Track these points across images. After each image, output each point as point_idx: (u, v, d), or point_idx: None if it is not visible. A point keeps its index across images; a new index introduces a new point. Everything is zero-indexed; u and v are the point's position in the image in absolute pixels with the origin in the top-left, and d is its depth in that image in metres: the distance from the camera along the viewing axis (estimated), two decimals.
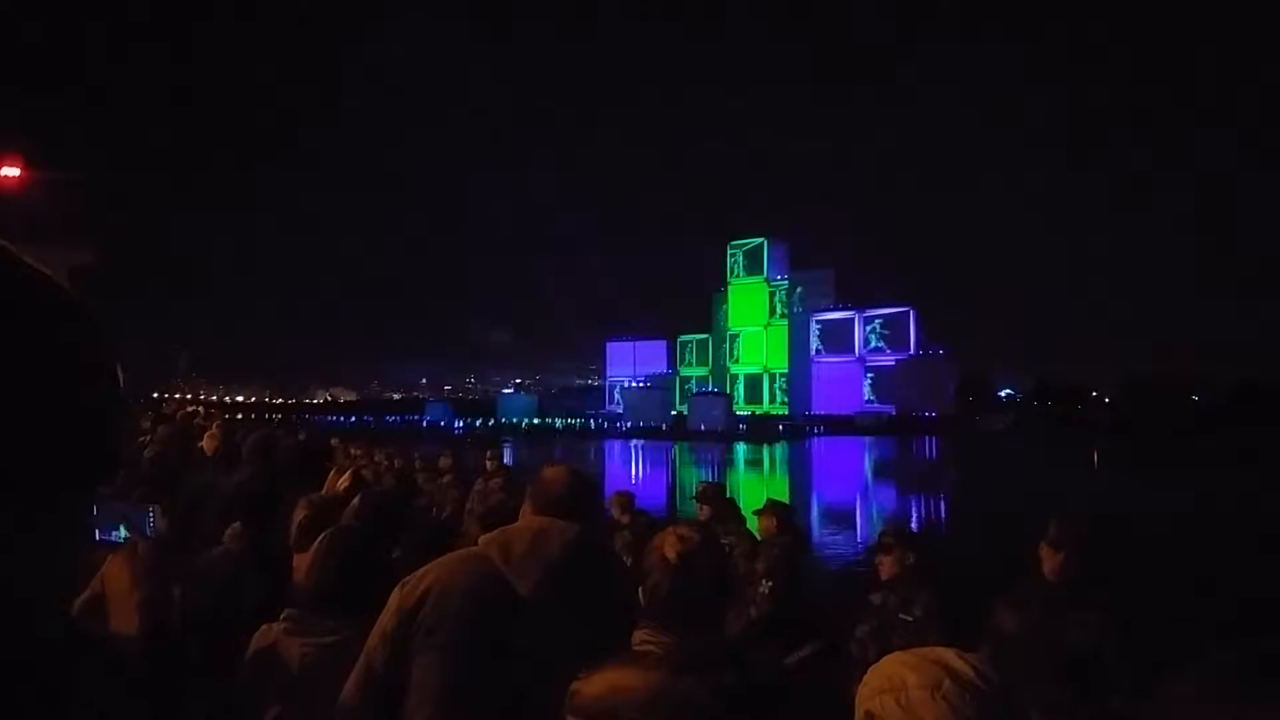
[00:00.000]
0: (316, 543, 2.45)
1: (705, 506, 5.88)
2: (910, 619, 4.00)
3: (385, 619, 1.91)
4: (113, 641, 2.80)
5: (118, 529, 2.55)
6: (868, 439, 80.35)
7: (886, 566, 4.27)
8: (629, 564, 3.94)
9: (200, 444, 6.22)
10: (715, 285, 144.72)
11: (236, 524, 3.12)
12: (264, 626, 2.28)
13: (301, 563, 2.61)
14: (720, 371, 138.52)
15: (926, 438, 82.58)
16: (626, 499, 6.51)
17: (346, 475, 4.40)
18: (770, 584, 4.87)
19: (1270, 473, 36.99)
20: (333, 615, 2.25)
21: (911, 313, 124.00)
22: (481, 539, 2.01)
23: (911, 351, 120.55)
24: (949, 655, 1.14)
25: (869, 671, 1.20)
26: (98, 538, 2.56)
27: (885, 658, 1.21)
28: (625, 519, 6.15)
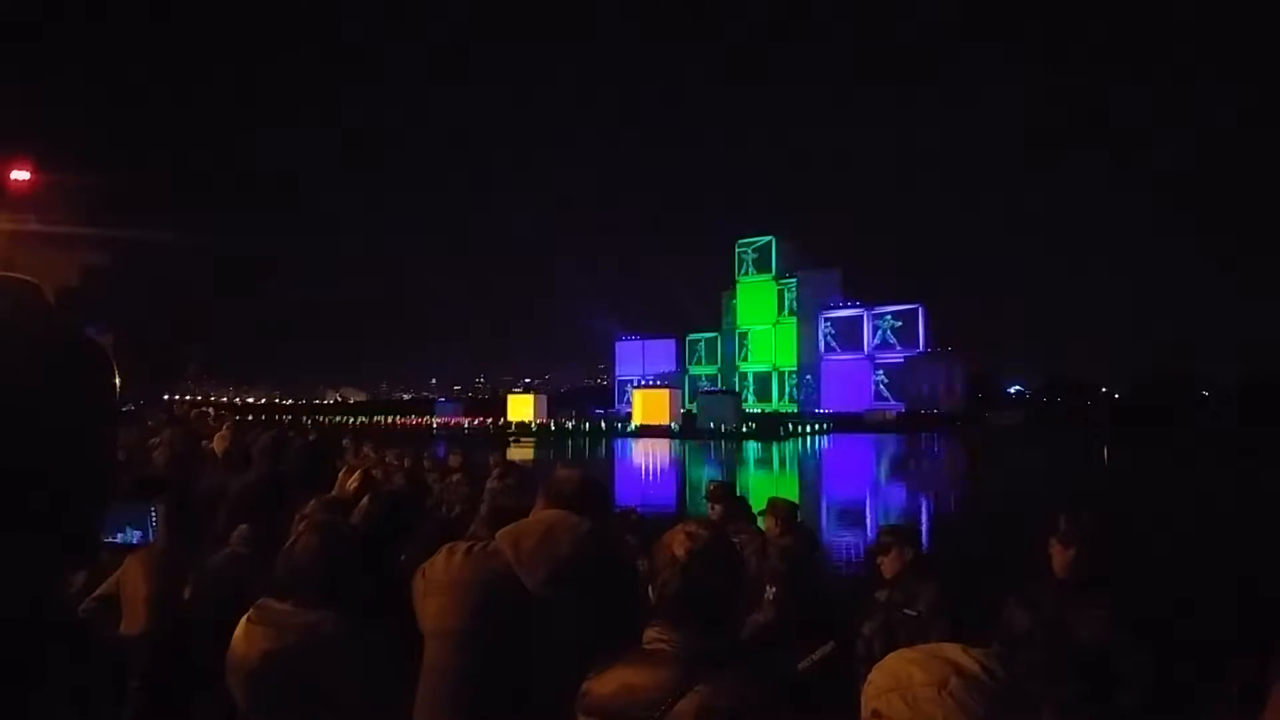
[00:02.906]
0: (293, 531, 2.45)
1: (716, 505, 5.85)
2: (914, 614, 4.01)
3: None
4: (121, 641, 2.81)
5: (124, 530, 2.55)
6: (877, 436, 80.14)
7: (888, 565, 4.28)
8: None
9: (210, 445, 6.24)
10: (724, 284, 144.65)
11: (243, 526, 3.13)
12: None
13: (303, 567, 2.62)
14: (729, 370, 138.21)
15: (936, 434, 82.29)
16: None
17: (356, 475, 4.40)
18: (774, 590, 4.86)
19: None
20: (300, 602, 2.23)
21: (921, 310, 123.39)
22: (498, 533, 2.03)
23: (921, 348, 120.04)
24: (955, 652, 1.13)
25: (874, 670, 1.19)
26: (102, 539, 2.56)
27: (890, 655, 1.20)
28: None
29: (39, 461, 0.66)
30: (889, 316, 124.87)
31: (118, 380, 0.76)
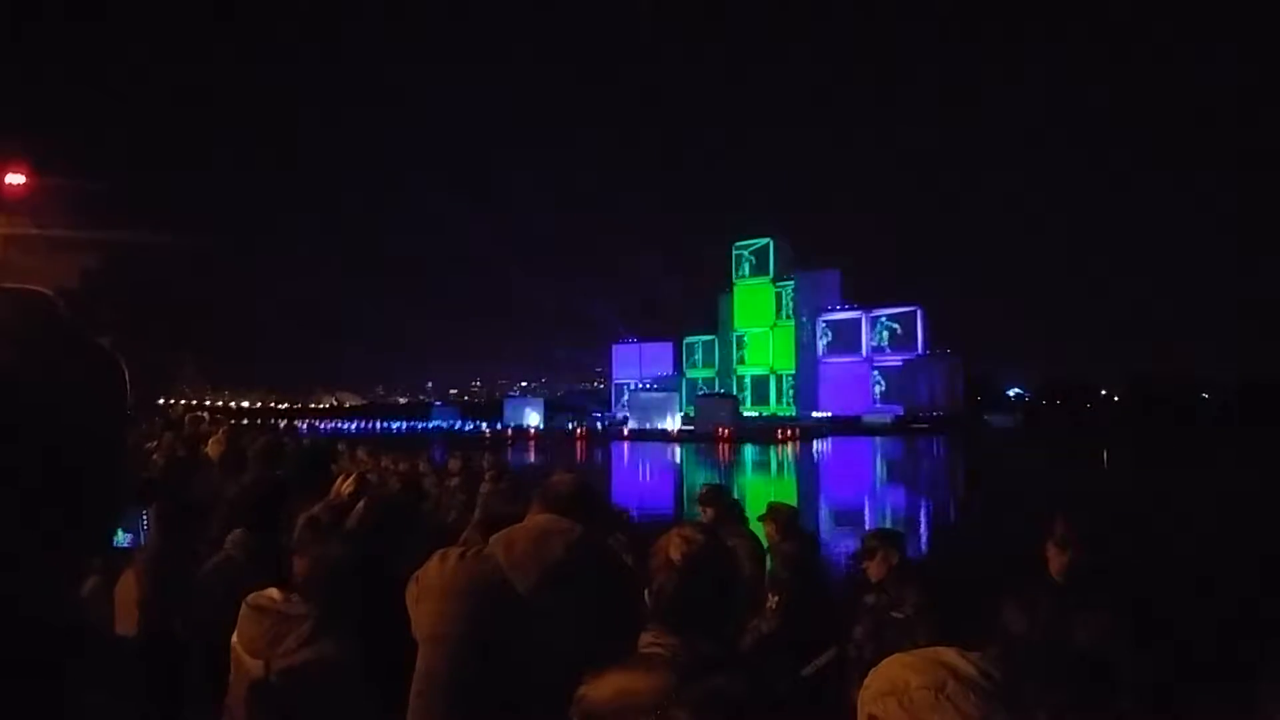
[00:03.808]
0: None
1: (708, 509, 5.82)
2: (901, 616, 4.02)
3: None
4: (115, 646, 2.80)
5: (114, 532, 2.56)
6: (876, 439, 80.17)
7: (874, 569, 4.29)
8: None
9: (205, 449, 6.23)
10: (721, 286, 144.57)
11: (238, 530, 3.12)
12: None
13: (301, 567, 2.62)
14: (727, 372, 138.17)
15: (935, 437, 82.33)
16: None
17: (351, 480, 4.39)
18: (777, 599, 4.84)
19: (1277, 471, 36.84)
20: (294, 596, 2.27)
21: (919, 312, 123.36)
22: (491, 538, 2.03)
23: (919, 351, 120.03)
24: (951, 655, 1.12)
25: (870, 674, 1.18)
26: None
27: (886, 659, 1.18)
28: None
29: (60, 470, 0.69)
30: (887, 319, 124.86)
31: (130, 388, 0.79)
